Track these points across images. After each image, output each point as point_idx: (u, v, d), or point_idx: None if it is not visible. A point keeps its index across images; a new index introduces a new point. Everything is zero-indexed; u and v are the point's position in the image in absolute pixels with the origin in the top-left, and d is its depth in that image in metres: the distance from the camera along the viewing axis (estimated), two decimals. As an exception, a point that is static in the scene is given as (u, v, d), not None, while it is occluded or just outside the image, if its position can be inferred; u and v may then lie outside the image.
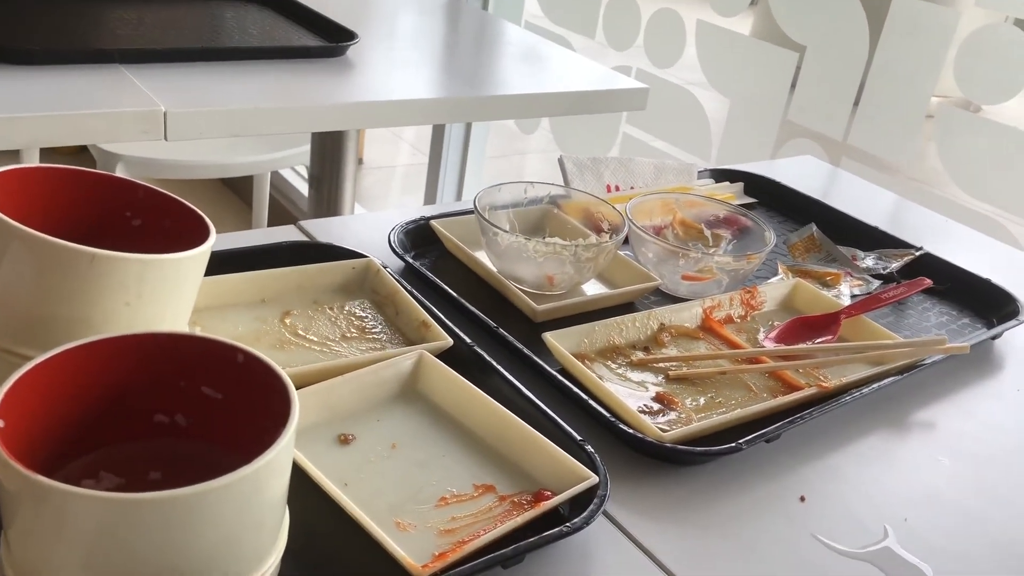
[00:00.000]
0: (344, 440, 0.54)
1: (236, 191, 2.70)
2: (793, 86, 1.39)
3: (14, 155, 1.81)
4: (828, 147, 1.35)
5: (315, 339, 0.63)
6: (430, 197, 2.09)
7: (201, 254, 0.51)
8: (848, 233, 0.94)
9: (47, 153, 2.06)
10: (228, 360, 0.43)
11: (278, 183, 2.56)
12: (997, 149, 1.16)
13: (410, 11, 1.54)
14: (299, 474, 0.46)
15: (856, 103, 1.31)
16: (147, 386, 0.44)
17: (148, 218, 0.56)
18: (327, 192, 1.45)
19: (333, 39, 1.20)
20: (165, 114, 0.91)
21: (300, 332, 0.63)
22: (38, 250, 0.46)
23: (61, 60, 0.99)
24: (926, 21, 1.18)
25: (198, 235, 0.54)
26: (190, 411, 0.45)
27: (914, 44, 1.20)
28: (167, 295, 0.49)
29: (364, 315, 0.67)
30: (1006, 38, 1.10)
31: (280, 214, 2.50)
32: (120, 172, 1.60)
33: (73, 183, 0.56)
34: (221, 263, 0.65)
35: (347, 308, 0.67)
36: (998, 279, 0.86)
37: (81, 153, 1.47)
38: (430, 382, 0.59)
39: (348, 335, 0.64)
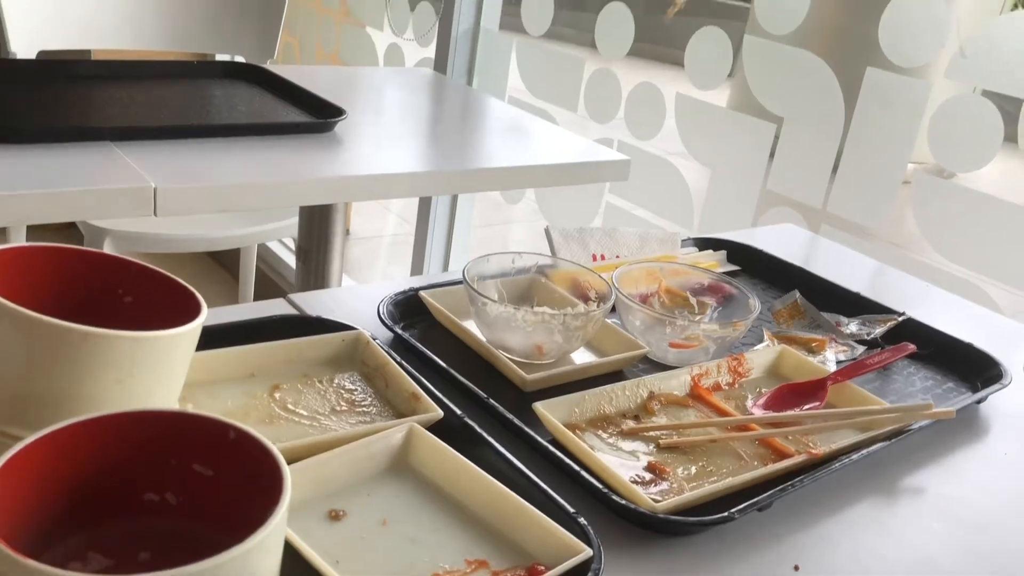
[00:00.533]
0: (335, 516, 0.53)
1: (223, 263, 2.70)
2: (772, 155, 1.42)
3: (0, 231, 1.82)
4: (808, 215, 1.37)
5: (304, 413, 0.63)
6: (417, 267, 2.10)
7: (192, 331, 0.52)
8: (831, 299, 0.95)
9: (34, 228, 2.07)
10: (220, 437, 0.43)
11: (265, 255, 2.57)
12: (972, 215, 1.19)
13: (396, 87, 1.57)
14: (290, 552, 0.46)
15: (834, 171, 1.34)
16: (138, 464, 0.44)
17: (139, 295, 0.57)
18: (315, 264, 1.46)
19: (321, 115, 1.22)
20: (155, 190, 0.92)
21: (289, 406, 0.63)
22: (30, 329, 0.46)
23: (53, 138, 1.00)
24: (898, 92, 1.22)
25: (189, 311, 0.54)
26: (181, 489, 0.45)
27: (888, 114, 1.24)
28: (159, 372, 0.49)
29: (354, 388, 0.67)
30: (975, 108, 1.14)
31: (267, 286, 2.50)
32: (108, 246, 1.61)
33: (65, 261, 0.56)
34: (210, 338, 0.65)
35: (336, 381, 0.67)
36: (980, 343, 0.88)
37: (69, 228, 1.48)
38: (421, 455, 0.59)
39: (338, 408, 0.64)
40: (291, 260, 2.54)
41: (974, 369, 0.86)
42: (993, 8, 4.75)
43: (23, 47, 1.64)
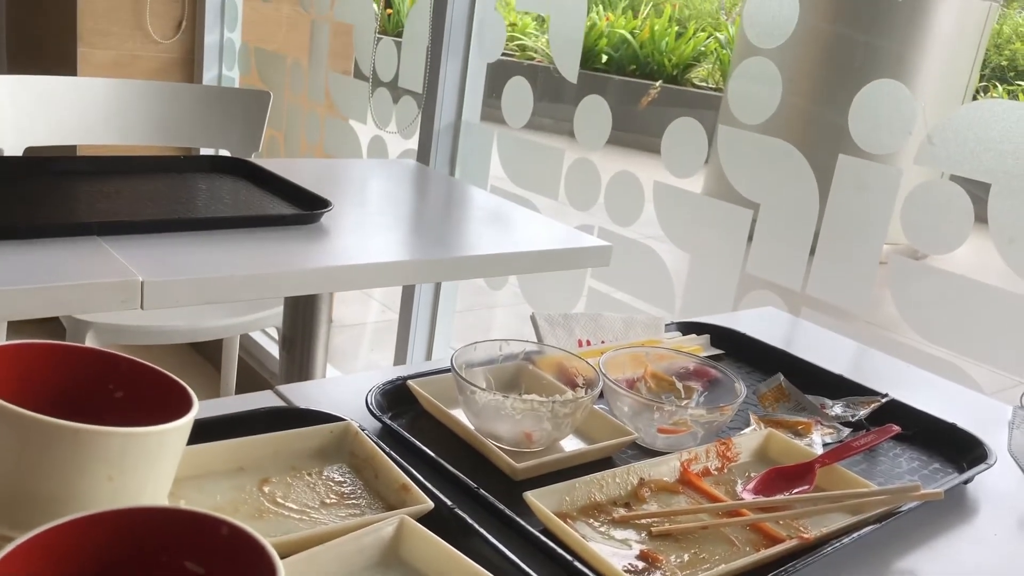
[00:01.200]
0: (326, 612, 0.52)
1: (204, 353, 2.69)
2: (750, 239, 1.44)
3: (-19, 325, 1.81)
4: (788, 297, 1.40)
5: (295, 507, 0.62)
6: (401, 353, 2.10)
7: (184, 426, 0.52)
8: (814, 381, 0.96)
9: (13, 322, 2.06)
10: (212, 533, 0.43)
11: (246, 344, 2.56)
12: (948, 296, 1.21)
13: (381, 178, 1.60)
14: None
15: (812, 253, 1.37)
16: (130, 562, 0.43)
17: (130, 389, 0.57)
18: (299, 354, 1.46)
19: (308, 207, 1.23)
20: (142, 284, 0.93)
21: (279, 500, 0.63)
22: (22, 426, 0.46)
23: (41, 234, 1.01)
24: (871, 178, 1.26)
25: (179, 405, 0.54)
26: (172, 588, 0.44)
27: (862, 199, 1.27)
28: (150, 468, 0.49)
29: (343, 480, 0.66)
30: (946, 193, 1.17)
31: (249, 376, 2.49)
32: (90, 339, 1.60)
33: (55, 358, 0.56)
34: (197, 431, 0.64)
35: (325, 473, 0.67)
36: (964, 423, 0.88)
37: (49, 321, 1.47)
38: (412, 548, 0.58)
39: (327, 501, 0.63)
40: (273, 349, 2.53)
41: (959, 450, 0.86)
42: (956, 96, 4.93)
43: (10, 143, 1.66)
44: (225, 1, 2.53)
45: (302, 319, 1.46)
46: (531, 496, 0.64)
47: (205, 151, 2.27)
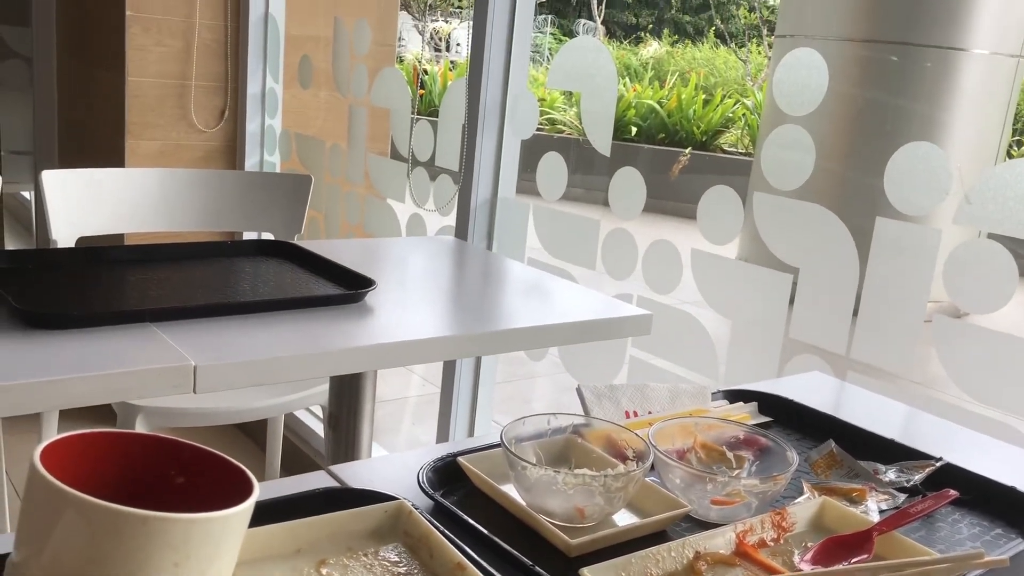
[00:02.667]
0: None
1: (248, 433, 2.71)
2: (791, 303, 1.44)
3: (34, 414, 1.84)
4: (833, 361, 1.38)
5: (351, 588, 0.62)
6: (443, 427, 2.10)
7: (245, 510, 0.53)
8: (866, 447, 0.95)
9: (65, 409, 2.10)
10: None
11: (290, 422, 2.57)
12: (996, 355, 1.20)
13: (420, 255, 1.62)
14: None
15: (855, 315, 1.36)
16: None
17: (191, 475, 0.58)
18: (345, 431, 1.47)
19: (352, 286, 1.26)
20: (195, 368, 0.95)
21: (336, 582, 0.63)
22: (92, 515, 0.47)
23: (95, 323, 1.04)
24: (910, 239, 1.26)
25: (239, 489, 0.55)
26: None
27: (902, 260, 1.27)
28: (214, 553, 0.50)
29: (399, 560, 0.67)
30: (988, 252, 1.17)
31: (292, 454, 2.50)
32: (140, 423, 1.63)
33: (120, 446, 0.58)
34: (253, 514, 0.65)
35: (382, 554, 0.67)
36: (1023, 485, 0.86)
37: (100, 408, 1.50)
38: (470, 628, 0.58)
39: (384, 582, 0.64)
40: (316, 426, 2.55)
41: (1021, 513, 0.84)
42: (989, 153, 4.91)
43: (64, 235, 1.72)
44: (266, 90, 2.62)
45: (347, 397, 1.47)
46: (588, 573, 0.64)
47: (249, 235, 2.33)
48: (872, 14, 4.87)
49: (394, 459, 0.88)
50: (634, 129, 8.11)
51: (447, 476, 0.82)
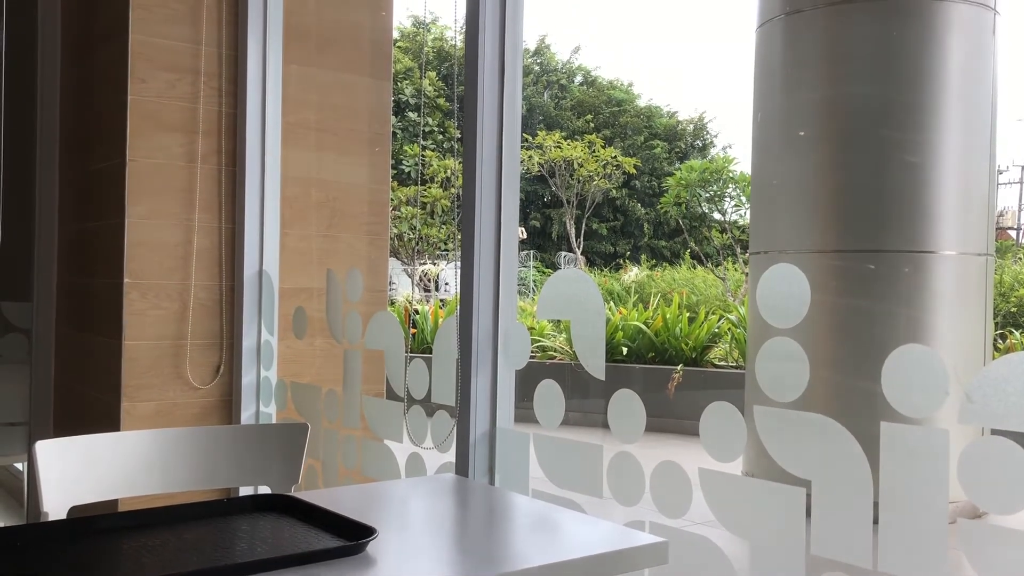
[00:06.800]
0: None
1: None
2: (808, 515, 1.39)
3: None
4: (860, 576, 1.32)
5: None
6: None
7: None
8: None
9: None
10: None
11: None
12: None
13: (421, 497, 1.58)
14: None
15: (875, 523, 1.31)
16: None
17: None
18: None
19: (352, 537, 1.21)
20: (189, 642, 0.89)
21: None
22: None
23: (85, 598, 0.99)
24: (918, 442, 1.24)
25: None
26: None
27: (914, 464, 1.24)
28: None
29: None
30: (1000, 449, 1.15)
31: None
32: None
33: None
34: None
35: None
36: None
37: None
38: None
39: None
40: None
41: None
42: (977, 347, 4.98)
43: (56, 505, 1.67)
44: (261, 343, 2.67)
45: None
46: None
47: (246, 490, 2.28)
48: (841, 226, 5.10)
49: None
50: (624, 349, 8.23)
51: None
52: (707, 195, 13.19)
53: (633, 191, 22.35)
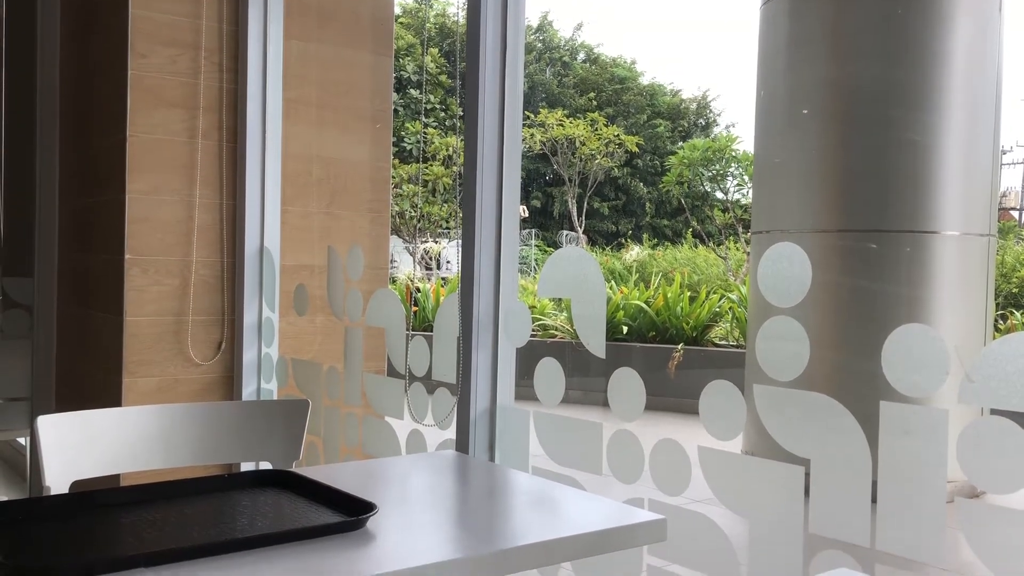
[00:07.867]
0: None
1: None
2: (807, 495, 1.40)
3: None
4: (857, 554, 1.32)
5: None
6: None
7: None
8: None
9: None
10: None
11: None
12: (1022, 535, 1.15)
13: (421, 474, 1.59)
14: None
15: (874, 502, 1.32)
16: None
17: None
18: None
19: (352, 512, 1.22)
20: (191, 615, 0.90)
21: None
22: None
23: (87, 573, 0.99)
24: (917, 422, 1.24)
25: None
26: None
27: (913, 443, 1.24)
28: None
29: None
30: (999, 430, 1.15)
31: None
32: None
33: None
34: None
35: None
36: None
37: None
38: None
39: None
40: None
41: None
42: (978, 327, 4.98)
43: (58, 480, 1.68)
44: (262, 320, 2.67)
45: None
46: None
47: (247, 465, 2.29)
48: (844, 205, 5.09)
49: None
50: (625, 328, 8.23)
51: None
52: (709, 174, 13.16)
53: (635, 170, 22.30)
